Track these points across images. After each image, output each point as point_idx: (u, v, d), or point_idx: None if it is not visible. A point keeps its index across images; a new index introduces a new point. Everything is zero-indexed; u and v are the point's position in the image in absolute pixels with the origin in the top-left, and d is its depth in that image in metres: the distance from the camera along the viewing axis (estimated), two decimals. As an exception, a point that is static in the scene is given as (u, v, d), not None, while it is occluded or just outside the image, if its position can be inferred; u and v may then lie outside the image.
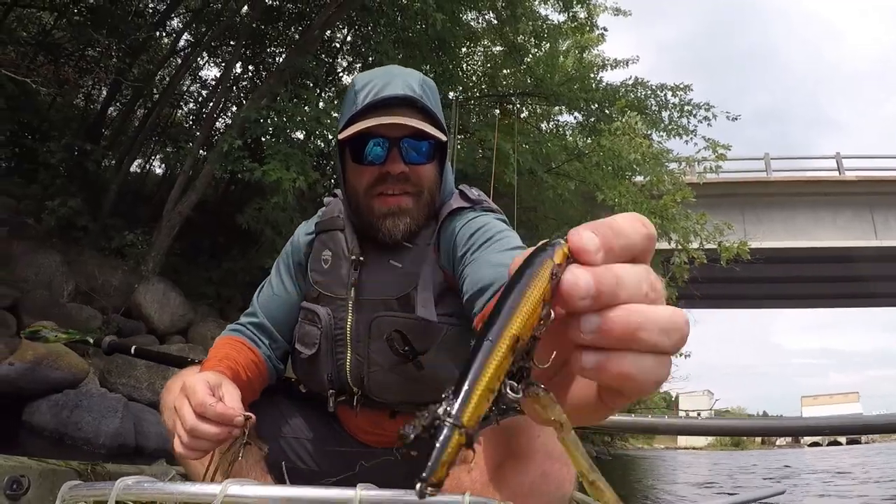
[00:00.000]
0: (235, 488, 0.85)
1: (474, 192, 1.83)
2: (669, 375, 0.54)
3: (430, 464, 0.45)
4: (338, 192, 1.90)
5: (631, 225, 0.53)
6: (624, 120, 13.23)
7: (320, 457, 1.84)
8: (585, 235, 0.52)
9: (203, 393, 1.34)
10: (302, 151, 10.71)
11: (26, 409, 7.18)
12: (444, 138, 1.69)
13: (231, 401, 1.38)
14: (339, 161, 1.79)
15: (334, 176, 12.68)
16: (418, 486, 0.45)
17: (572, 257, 0.52)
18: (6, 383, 6.98)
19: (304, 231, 1.96)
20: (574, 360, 0.53)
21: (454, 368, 1.61)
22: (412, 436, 0.46)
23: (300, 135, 12.77)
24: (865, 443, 53.74)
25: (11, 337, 8.22)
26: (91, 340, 2.82)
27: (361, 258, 1.74)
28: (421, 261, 1.69)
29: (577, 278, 0.50)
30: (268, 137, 11.41)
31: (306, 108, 11.51)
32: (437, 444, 0.45)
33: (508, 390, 0.49)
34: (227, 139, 10.84)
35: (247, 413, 1.36)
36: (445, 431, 0.45)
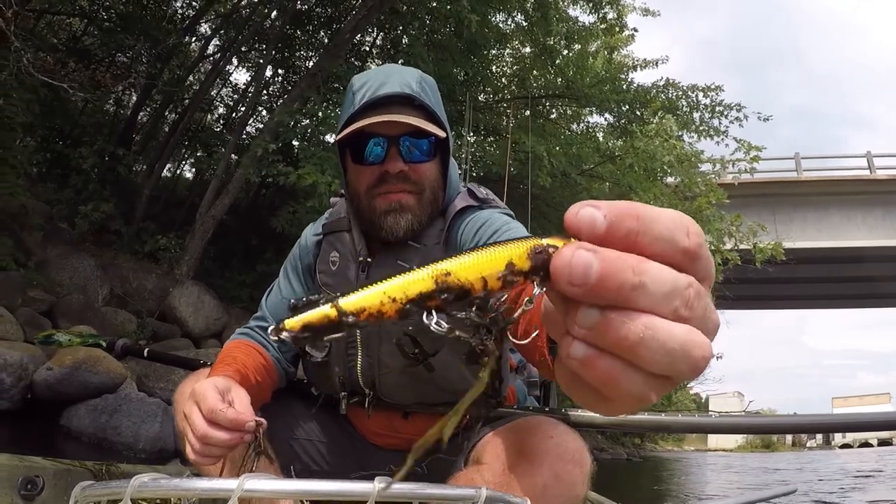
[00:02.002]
0: (253, 483, 0.82)
1: (482, 191, 1.83)
2: (654, 400, 0.48)
3: (292, 314, 0.50)
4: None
5: (670, 222, 0.46)
6: (657, 121, 13.16)
7: (333, 458, 1.86)
8: (584, 210, 0.45)
9: (213, 398, 1.32)
10: (336, 154, 10.66)
11: (64, 413, 7.14)
12: (443, 135, 1.67)
13: (241, 405, 1.36)
14: (340, 162, 1.80)
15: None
16: (272, 327, 0.51)
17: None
18: (45, 388, 6.97)
19: (311, 232, 1.96)
20: (564, 344, 0.47)
21: (465, 369, 1.63)
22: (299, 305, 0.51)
23: (329, 138, 12.79)
24: (896, 445, 53.11)
25: (49, 342, 8.26)
26: (104, 344, 2.86)
27: (369, 259, 1.74)
28: (429, 261, 1.62)
29: (572, 256, 0.44)
30: (301, 141, 11.40)
31: (338, 110, 11.46)
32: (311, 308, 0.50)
33: (433, 323, 0.51)
34: (262, 143, 10.82)
35: (258, 418, 1.34)
36: (323, 301, 0.50)
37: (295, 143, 11.80)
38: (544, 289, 0.48)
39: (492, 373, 0.53)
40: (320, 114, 11.31)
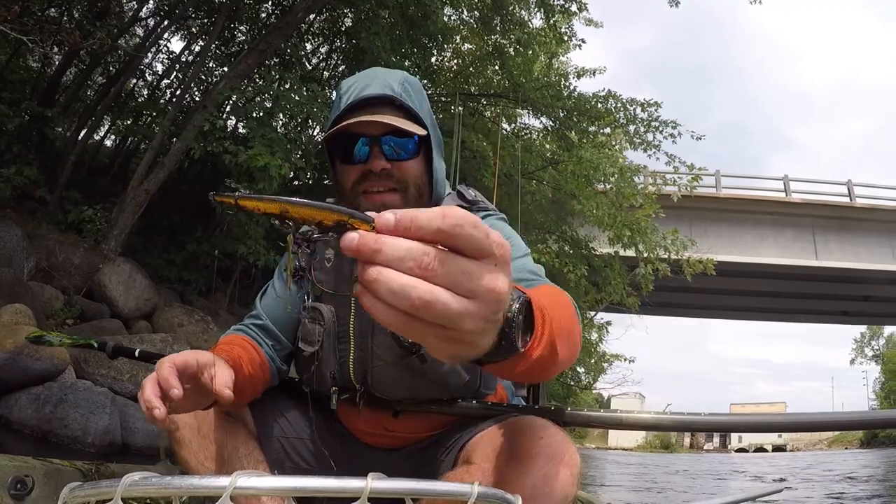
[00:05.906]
0: (245, 480, 0.84)
1: (471, 193, 1.90)
2: (428, 341, 0.71)
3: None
4: None
5: (428, 217, 0.66)
6: (610, 134, 13.42)
7: (323, 457, 1.87)
8: (385, 214, 0.67)
9: (167, 367, 1.32)
10: (287, 140, 10.39)
11: (3, 402, 6.61)
12: (421, 132, 1.73)
13: (222, 378, 1.39)
14: (329, 162, 1.86)
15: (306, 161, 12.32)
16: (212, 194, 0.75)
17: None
18: (-17, 373, 6.40)
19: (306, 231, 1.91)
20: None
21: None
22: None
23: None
24: (790, 451, 55.57)
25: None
26: (95, 344, 2.73)
27: None
28: None
29: (346, 235, 0.66)
30: (251, 119, 10.98)
31: (290, 90, 11.15)
32: None
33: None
34: (209, 118, 10.37)
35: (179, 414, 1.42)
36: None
37: (233, 121, 11.42)
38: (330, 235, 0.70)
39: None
40: (274, 92, 10.97)
